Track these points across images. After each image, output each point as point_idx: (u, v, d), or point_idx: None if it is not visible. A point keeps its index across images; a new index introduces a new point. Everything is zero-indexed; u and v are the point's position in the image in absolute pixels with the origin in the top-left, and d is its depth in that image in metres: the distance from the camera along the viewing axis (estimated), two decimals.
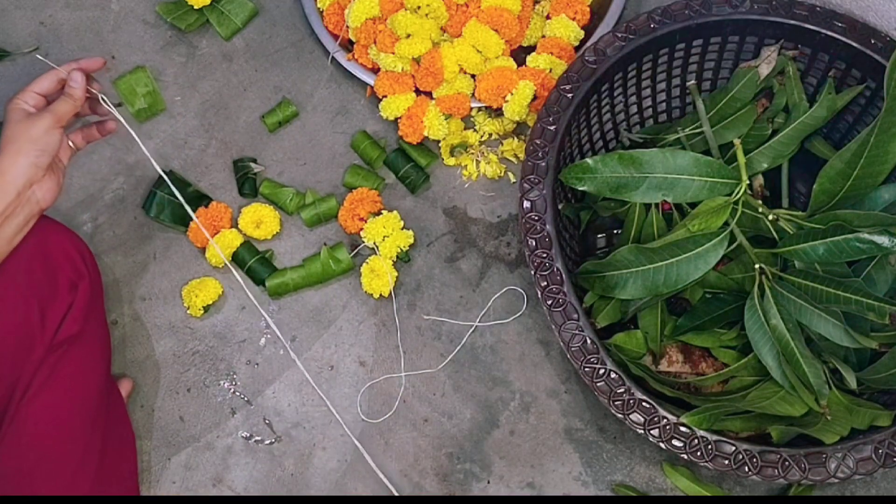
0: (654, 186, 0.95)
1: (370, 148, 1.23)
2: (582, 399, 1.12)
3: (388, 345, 1.15)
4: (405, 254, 1.17)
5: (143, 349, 1.16)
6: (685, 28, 1.04)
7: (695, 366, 1.01)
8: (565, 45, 1.21)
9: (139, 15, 1.33)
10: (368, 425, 1.12)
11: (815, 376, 0.89)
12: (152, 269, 1.20)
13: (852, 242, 0.88)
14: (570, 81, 1.02)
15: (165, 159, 1.25)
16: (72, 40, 1.32)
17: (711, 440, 0.89)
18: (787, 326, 0.90)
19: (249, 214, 1.19)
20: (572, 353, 0.93)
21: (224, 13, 1.31)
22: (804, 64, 1.06)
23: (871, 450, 0.88)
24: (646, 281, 0.94)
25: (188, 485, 1.10)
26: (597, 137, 1.14)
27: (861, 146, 0.91)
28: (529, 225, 0.97)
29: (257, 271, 1.18)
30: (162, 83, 1.29)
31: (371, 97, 1.27)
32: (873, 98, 1.03)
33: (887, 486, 1.07)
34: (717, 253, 0.93)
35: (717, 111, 1.06)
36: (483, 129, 1.23)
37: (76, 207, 1.23)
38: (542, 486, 1.09)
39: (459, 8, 1.22)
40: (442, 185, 1.23)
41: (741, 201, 0.96)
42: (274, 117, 1.26)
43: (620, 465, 1.09)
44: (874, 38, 1.00)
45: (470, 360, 1.14)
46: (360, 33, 1.22)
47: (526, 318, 1.16)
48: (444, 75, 1.19)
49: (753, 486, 1.07)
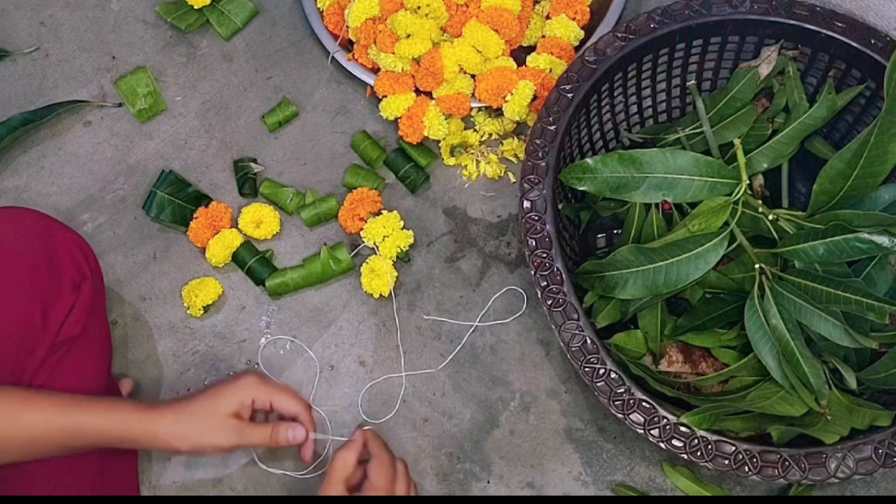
0: (654, 186, 0.95)
1: (370, 148, 1.23)
2: (582, 399, 1.12)
3: (388, 345, 1.15)
4: (405, 254, 1.17)
5: (144, 349, 1.16)
6: (685, 28, 1.04)
7: (695, 366, 1.01)
8: (565, 45, 1.21)
9: (139, 15, 1.33)
10: (369, 425, 1.12)
11: (815, 376, 0.89)
12: (152, 269, 1.20)
13: (852, 242, 0.88)
14: (570, 81, 1.02)
15: (166, 159, 1.25)
16: (72, 40, 1.32)
17: (711, 440, 0.89)
18: (787, 326, 0.90)
19: (249, 214, 1.20)
20: (572, 353, 0.93)
21: (224, 13, 1.31)
22: (804, 64, 1.06)
23: (871, 450, 0.88)
24: (646, 281, 0.94)
25: (188, 484, 1.10)
26: (597, 137, 1.14)
27: (861, 146, 0.91)
28: (529, 225, 0.97)
29: (257, 271, 1.18)
30: (162, 83, 1.29)
31: (371, 97, 1.27)
32: (873, 98, 1.03)
33: (887, 486, 1.07)
34: (717, 253, 0.93)
35: (717, 111, 1.06)
36: (483, 129, 1.23)
37: (76, 207, 1.23)
38: (542, 486, 1.09)
39: (459, 8, 1.22)
40: (442, 185, 1.23)
41: (741, 201, 0.96)
42: (274, 117, 1.26)
43: (620, 465, 1.09)
44: (874, 38, 1.00)
45: (470, 360, 1.14)
46: (360, 33, 1.22)
47: (526, 318, 1.16)
48: (444, 75, 1.19)
49: (753, 486, 1.07)
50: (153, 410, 0.90)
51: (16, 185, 1.24)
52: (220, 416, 0.91)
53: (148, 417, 0.89)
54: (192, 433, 0.90)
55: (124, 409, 0.90)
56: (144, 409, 0.90)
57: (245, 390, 0.93)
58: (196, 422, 0.90)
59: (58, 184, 1.24)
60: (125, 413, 0.89)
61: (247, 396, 0.92)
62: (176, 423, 0.89)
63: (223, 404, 0.91)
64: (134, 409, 0.90)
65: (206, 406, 0.91)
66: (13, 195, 1.23)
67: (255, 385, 0.93)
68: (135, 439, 0.89)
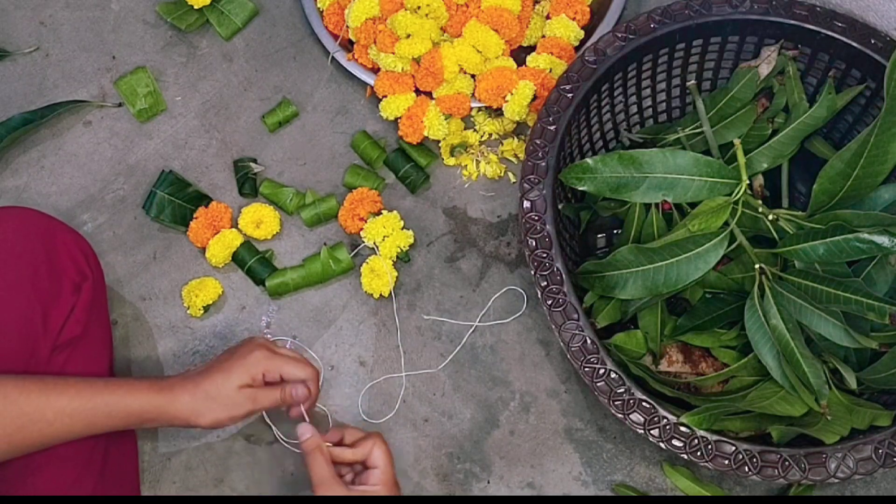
0: (654, 186, 0.95)
1: (370, 148, 1.23)
2: (582, 399, 1.12)
3: (389, 345, 1.15)
4: (405, 254, 1.17)
5: (144, 349, 1.16)
6: (685, 28, 1.04)
7: (695, 366, 1.01)
8: (565, 45, 1.21)
9: (139, 15, 1.33)
10: (369, 425, 1.12)
11: (815, 376, 0.89)
12: (152, 269, 1.20)
13: (852, 242, 0.88)
14: (570, 81, 1.02)
15: (166, 159, 1.25)
16: (72, 40, 1.32)
17: (711, 440, 0.89)
18: (787, 326, 0.90)
19: (249, 214, 1.20)
20: (572, 353, 0.93)
21: (224, 13, 1.31)
22: (804, 64, 1.06)
23: (871, 450, 0.88)
24: (646, 281, 0.95)
25: (188, 484, 1.10)
26: (597, 137, 1.14)
27: (861, 146, 0.91)
28: (529, 225, 0.97)
29: (257, 271, 1.18)
30: (162, 83, 1.29)
31: (371, 97, 1.27)
32: (873, 98, 1.03)
33: (887, 486, 1.07)
34: (717, 253, 0.93)
35: (717, 111, 1.06)
36: (483, 129, 1.23)
37: (76, 207, 1.23)
38: (542, 486, 1.09)
39: (459, 8, 1.22)
40: (442, 185, 1.23)
41: (741, 201, 0.96)
42: (274, 117, 1.26)
43: (620, 465, 1.09)
44: (874, 38, 1.00)
45: (470, 359, 1.14)
46: (360, 33, 1.22)
47: (526, 318, 1.16)
48: (444, 75, 1.19)
49: (753, 486, 1.07)
50: (171, 392, 0.93)
51: (16, 185, 1.24)
52: (233, 391, 0.94)
53: (167, 399, 0.93)
54: (209, 411, 0.93)
55: (143, 391, 0.93)
56: (162, 389, 0.93)
57: (255, 365, 0.96)
58: (211, 400, 0.93)
59: (58, 184, 1.24)
60: (144, 395, 0.92)
61: (257, 371, 0.96)
62: (193, 402, 0.93)
63: (235, 379, 0.94)
64: (151, 390, 0.93)
65: (220, 383, 0.94)
66: (13, 195, 1.23)
67: (264, 359, 0.96)
68: (155, 419, 0.93)
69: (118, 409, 0.91)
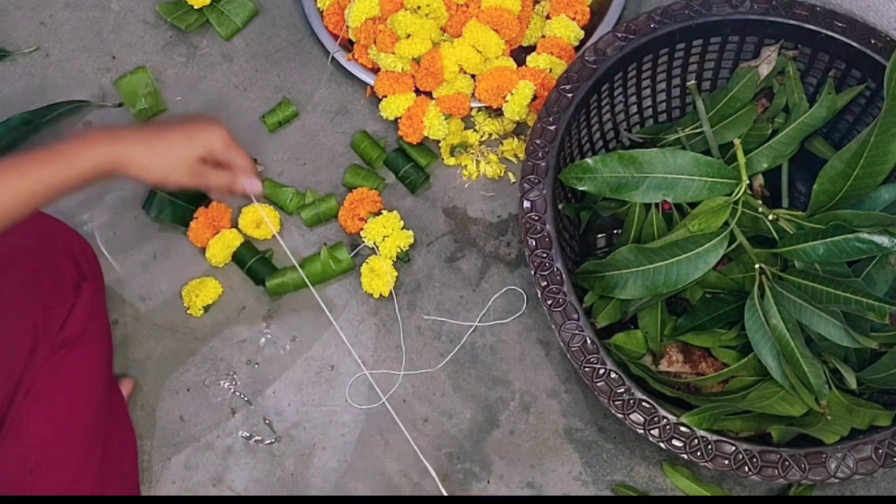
0: (654, 186, 0.95)
1: (370, 148, 1.23)
2: (582, 399, 1.12)
3: (389, 344, 1.15)
4: (405, 254, 1.17)
5: (144, 349, 1.16)
6: (685, 28, 1.04)
7: (695, 366, 1.01)
8: (565, 45, 1.21)
9: (139, 15, 1.33)
10: (369, 425, 1.12)
11: (815, 376, 0.89)
12: (152, 269, 1.20)
13: (852, 242, 0.88)
14: (570, 81, 1.02)
15: None
16: (72, 40, 1.32)
17: (711, 440, 0.89)
18: (787, 326, 0.90)
19: (249, 214, 1.19)
20: (572, 353, 0.93)
21: (224, 13, 1.31)
22: (804, 64, 1.06)
23: (871, 450, 0.88)
24: (646, 281, 0.95)
25: (188, 484, 1.10)
26: (597, 137, 1.14)
27: (861, 146, 0.91)
28: (529, 225, 0.97)
29: (257, 271, 1.18)
30: (163, 83, 1.29)
31: (371, 97, 1.27)
32: (873, 98, 1.03)
33: (887, 486, 1.07)
34: (717, 253, 0.93)
35: (717, 111, 1.06)
36: (483, 129, 1.23)
37: (76, 207, 1.23)
38: (542, 486, 1.09)
39: (459, 8, 1.22)
40: (442, 185, 1.23)
41: (741, 201, 0.96)
42: (274, 117, 1.26)
43: (620, 465, 1.09)
44: (874, 38, 1.00)
45: (470, 359, 1.14)
46: (360, 33, 1.22)
47: (526, 318, 1.16)
48: (444, 75, 1.19)
49: (753, 486, 1.07)
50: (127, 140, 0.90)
51: None
52: (189, 160, 0.92)
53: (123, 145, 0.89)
54: (161, 170, 0.91)
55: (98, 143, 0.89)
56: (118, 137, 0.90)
57: (217, 143, 0.94)
58: (168, 161, 0.91)
59: None
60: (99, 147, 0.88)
61: (217, 147, 0.94)
62: (149, 155, 0.90)
63: (195, 148, 0.93)
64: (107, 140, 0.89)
65: (180, 146, 0.92)
66: None
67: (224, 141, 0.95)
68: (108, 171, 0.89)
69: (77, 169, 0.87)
